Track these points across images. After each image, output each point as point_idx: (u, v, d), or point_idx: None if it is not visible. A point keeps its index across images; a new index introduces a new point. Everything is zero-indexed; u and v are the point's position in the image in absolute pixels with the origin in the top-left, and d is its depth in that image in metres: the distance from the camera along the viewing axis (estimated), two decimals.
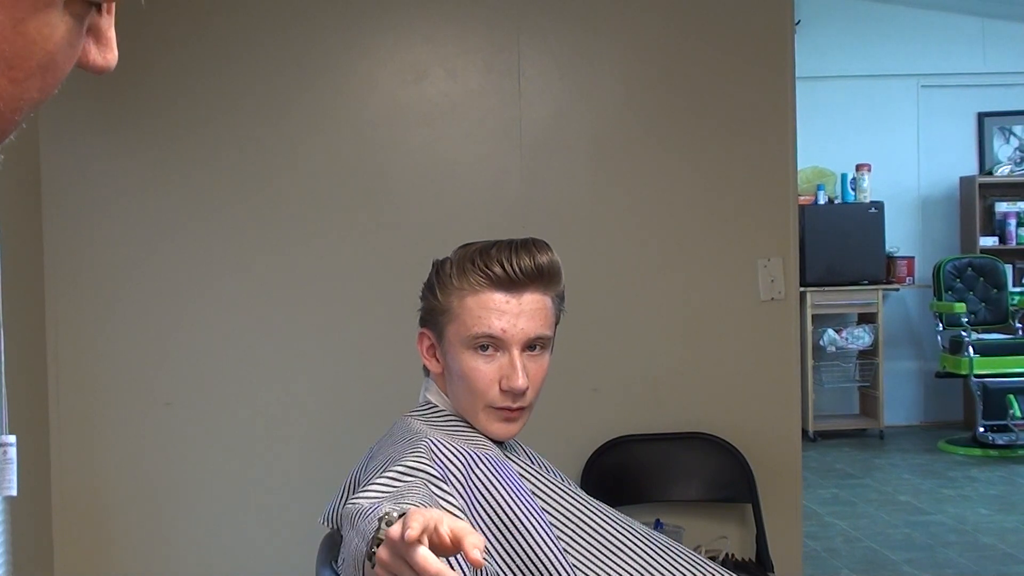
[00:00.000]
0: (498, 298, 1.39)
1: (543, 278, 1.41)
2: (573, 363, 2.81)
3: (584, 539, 1.39)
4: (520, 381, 1.39)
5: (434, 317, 1.45)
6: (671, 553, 1.43)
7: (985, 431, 6.11)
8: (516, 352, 1.40)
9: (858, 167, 6.65)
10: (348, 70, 2.81)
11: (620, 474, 2.77)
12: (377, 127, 2.81)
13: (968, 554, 4.18)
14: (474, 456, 1.36)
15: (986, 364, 6.18)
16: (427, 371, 1.52)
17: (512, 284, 1.39)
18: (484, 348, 1.40)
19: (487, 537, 1.30)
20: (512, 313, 1.39)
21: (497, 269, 1.39)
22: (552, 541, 1.32)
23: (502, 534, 1.32)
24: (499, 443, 1.46)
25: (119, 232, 2.75)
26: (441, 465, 1.31)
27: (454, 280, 1.42)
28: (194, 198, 2.76)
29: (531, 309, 1.41)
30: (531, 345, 1.41)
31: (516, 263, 1.39)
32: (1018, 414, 6.10)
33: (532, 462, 1.48)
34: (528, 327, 1.40)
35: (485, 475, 1.34)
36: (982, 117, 7.03)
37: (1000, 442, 6.04)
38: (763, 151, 2.85)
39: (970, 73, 6.91)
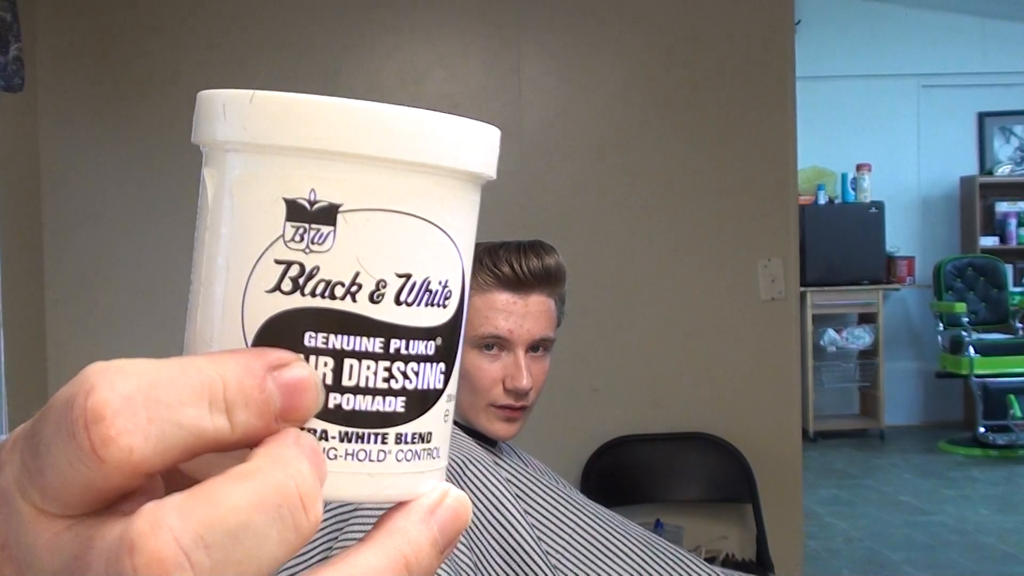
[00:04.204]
0: (505, 298, 1.40)
1: (550, 280, 1.42)
2: (573, 363, 2.81)
3: (571, 543, 1.39)
4: (524, 381, 1.39)
5: None
6: (666, 557, 1.43)
7: (985, 431, 6.12)
8: (520, 352, 1.40)
9: (858, 167, 6.65)
10: (348, 70, 2.81)
11: (620, 474, 2.77)
12: None
13: (968, 554, 4.18)
14: (465, 457, 1.36)
15: (986, 364, 6.18)
16: None
17: (519, 285, 1.40)
18: (489, 348, 1.41)
19: (477, 535, 1.30)
20: (518, 314, 1.40)
21: (505, 269, 1.39)
22: (535, 541, 1.33)
23: (491, 534, 1.32)
24: (492, 444, 1.46)
25: (119, 232, 2.75)
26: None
27: None
28: (195, 198, 2.76)
29: (537, 311, 1.41)
30: (535, 346, 1.42)
31: (524, 264, 1.39)
32: (1018, 414, 6.10)
33: (525, 466, 1.47)
34: (534, 328, 1.41)
35: (476, 475, 1.35)
36: (982, 117, 7.03)
37: (1000, 442, 6.04)
38: (763, 151, 2.85)
39: (970, 73, 6.91)
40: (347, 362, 0.27)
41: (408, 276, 0.28)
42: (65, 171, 2.72)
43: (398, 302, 0.27)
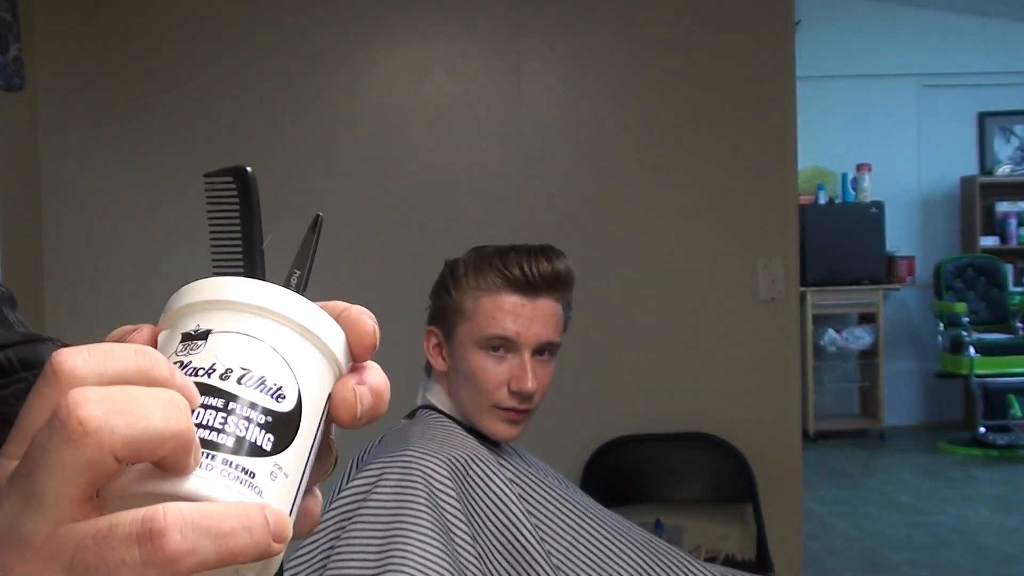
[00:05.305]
0: (514, 300, 1.41)
1: (559, 284, 1.43)
2: (573, 363, 2.80)
3: (574, 545, 1.39)
4: (530, 384, 1.40)
5: (445, 316, 1.46)
6: (667, 559, 1.43)
7: (986, 431, 6.12)
8: (527, 355, 1.41)
9: (858, 167, 6.65)
10: (348, 71, 2.81)
11: (621, 474, 2.77)
12: (377, 128, 2.81)
13: (969, 554, 4.18)
14: (469, 456, 1.36)
15: (987, 364, 6.18)
16: (428, 371, 1.52)
17: (529, 288, 1.41)
18: (495, 349, 1.41)
19: (482, 535, 1.30)
20: (526, 317, 1.41)
21: (516, 271, 1.40)
22: (539, 543, 1.33)
23: (495, 535, 1.32)
24: (495, 444, 1.46)
25: (119, 232, 2.75)
26: (430, 485, 1.30)
27: (470, 279, 1.43)
28: (196, 199, 2.76)
29: (544, 314, 1.42)
30: (541, 349, 1.43)
31: (535, 267, 1.41)
32: (1019, 414, 6.10)
33: (528, 466, 1.47)
34: (541, 331, 1.42)
35: (480, 473, 1.35)
36: (983, 117, 7.03)
37: (1001, 442, 6.04)
38: (763, 151, 2.85)
39: (971, 73, 6.92)
40: (198, 409, 0.39)
41: (248, 370, 0.40)
42: (65, 171, 2.72)
43: (239, 382, 0.39)
